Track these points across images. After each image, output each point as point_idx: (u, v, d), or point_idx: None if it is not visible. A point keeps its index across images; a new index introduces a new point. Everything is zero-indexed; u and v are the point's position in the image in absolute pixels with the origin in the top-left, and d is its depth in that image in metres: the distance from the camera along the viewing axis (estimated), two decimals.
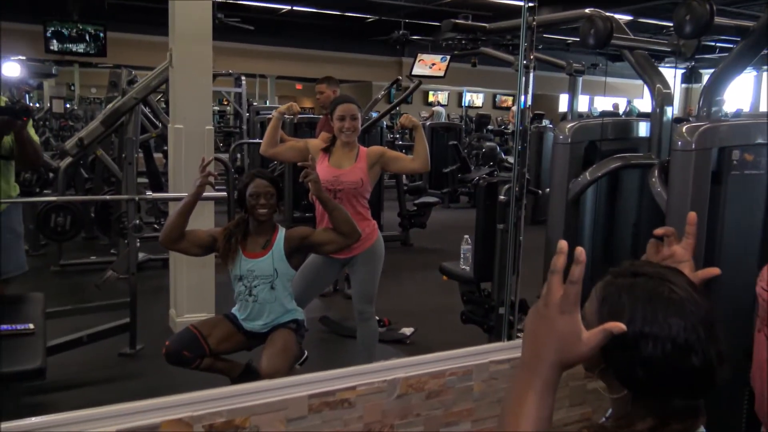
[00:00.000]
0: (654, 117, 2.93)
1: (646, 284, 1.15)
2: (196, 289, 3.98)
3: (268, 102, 16.27)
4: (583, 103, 14.90)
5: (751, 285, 1.48)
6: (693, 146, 2.34)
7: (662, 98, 2.91)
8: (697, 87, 16.06)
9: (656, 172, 2.55)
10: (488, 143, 10.14)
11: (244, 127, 9.98)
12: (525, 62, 2.54)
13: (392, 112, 8.49)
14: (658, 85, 2.92)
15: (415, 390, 2.30)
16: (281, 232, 2.79)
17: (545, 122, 10.69)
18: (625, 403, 1.13)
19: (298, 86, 19.55)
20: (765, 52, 2.72)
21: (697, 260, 2.39)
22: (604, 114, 10.68)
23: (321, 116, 4.81)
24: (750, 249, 2.37)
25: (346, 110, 3.04)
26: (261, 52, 14.88)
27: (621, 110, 14.10)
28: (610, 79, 14.37)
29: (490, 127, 12.34)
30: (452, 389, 2.37)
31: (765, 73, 15.88)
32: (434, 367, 2.35)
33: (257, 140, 8.84)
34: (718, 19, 2.57)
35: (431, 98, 17.67)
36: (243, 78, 10.30)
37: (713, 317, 1.13)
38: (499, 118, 17.10)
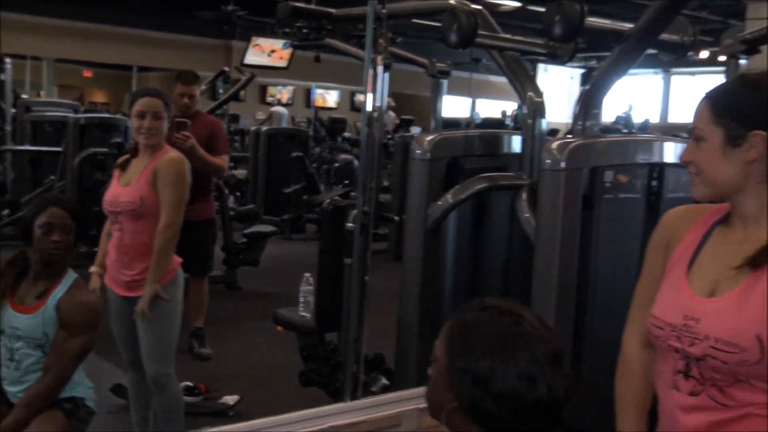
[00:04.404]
0: (526, 130, 3.32)
1: (496, 319, 1.47)
2: None
3: (44, 93, 15.67)
4: (464, 108, 15.72)
5: (626, 316, 1.81)
6: (563, 165, 2.71)
7: (534, 108, 3.30)
8: None
9: (524, 194, 2.90)
10: (343, 156, 10.40)
11: (8, 128, 9.58)
12: (372, 56, 2.81)
13: (217, 111, 8.57)
14: (529, 93, 3.31)
15: None
16: (66, 282, 2.77)
17: (415, 130, 11.20)
18: None
19: (87, 73, 18.99)
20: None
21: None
22: (486, 122, 11.41)
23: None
24: (625, 281, 2.75)
25: (147, 106, 3.15)
26: (34, 25, 14.35)
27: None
28: (495, 79, 15.32)
29: (346, 134, 12.67)
30: None
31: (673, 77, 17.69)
32: None
33: (27, 147, 8.56)
34: (592, 21, 3.00)
35: (275, 95, 17.84)
36: (8, 61, 9.92)
37: (561, 353, 1.46)
38: (358, 123, 17.54)
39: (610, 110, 16.63)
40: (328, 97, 19.01)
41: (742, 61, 3.27)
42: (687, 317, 1.60)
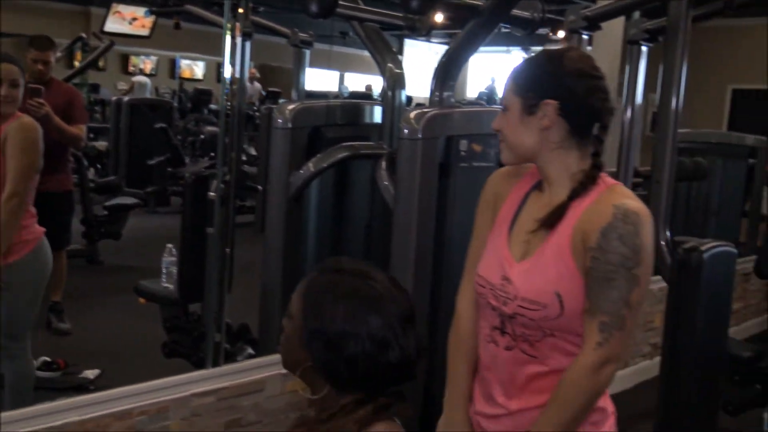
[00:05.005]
0: (386, 101, 3.40)
1: (348, 282, 1.51)
2: None
3: None
4: (333, 82, 15.73)
5: None
6: (420, 134, 2.80)
7: (393, 80, 3.38)
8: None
9: (384, 163, 2.98)
10: (209, 128, 10.28)
11: None
12: (231, 24, 2.81)
13: (76, 81, 8.25)
14: (389, 65, 3.39)
15: None
16: None
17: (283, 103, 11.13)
18: (330, 399, 1.48)
19: None
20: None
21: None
22: (354, 95, 11.49)
23: None
24: None
25: (3, 73, 3.04)
26: None
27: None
28: (365, 53, 15.34)
29: (213, 106, 12.48)
30: None
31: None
32: (118, 406, 2.50)
33: None
34: None
35: (138, 65, 17.26)
36: None
37: (412, 313, 1.53)
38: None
39: (475, 87, 17.10)
40: (196, 69, 18.56)
41: (585, 37, 3.46)
42: (503, 278, 1.75)
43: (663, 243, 3.12)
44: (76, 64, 8.90)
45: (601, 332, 1.62)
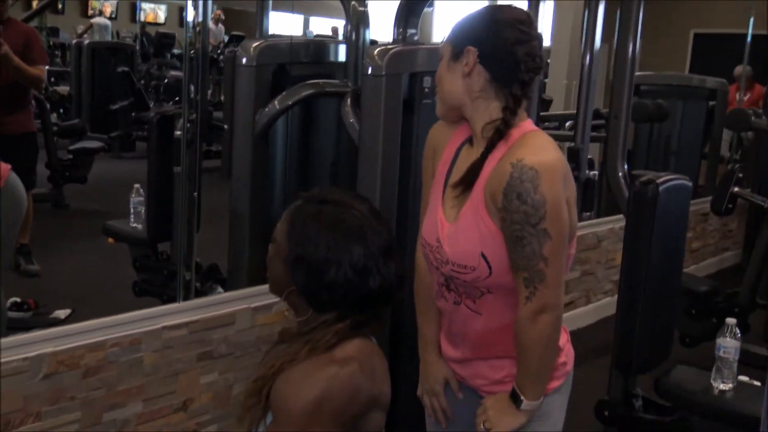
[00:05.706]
0: (349, 39, 3.41)
1: (332, 211, 1.59)
2: None
3: None
4: (298, 27, 15.58)
5: None
6: (384, 71, 2.83)
7: (357, 18, 3.40)
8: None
9: (348, 100, 3.01)
10: (173, 72, 10.19)
11: None
12: None
13: (35, 24, 8.09)
14: (353, 3, 3.40)
15: (69, 367, 2.48)
16: None
17: None
18: (312, 319, 1.57)
19: None
20: None
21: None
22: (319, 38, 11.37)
23: None
24: None
25: None
26: None
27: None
28: None
29: (176, 50, 12.32)
30: (116, 363, 2.60)
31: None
32: (92, 338, 2.55)
33: None
34: None
35: (97, 8, 16.91)
36: None
37: (393, 243, 1.61)
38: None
39: (442, 34, 17.05)
40: (159, 12, 18.21)
41: None
42: (437, 240, 1.78)
43: (620, 176, 3.20)
44: (35, 5, 8.73)
45: (526, 288, 1.67)
